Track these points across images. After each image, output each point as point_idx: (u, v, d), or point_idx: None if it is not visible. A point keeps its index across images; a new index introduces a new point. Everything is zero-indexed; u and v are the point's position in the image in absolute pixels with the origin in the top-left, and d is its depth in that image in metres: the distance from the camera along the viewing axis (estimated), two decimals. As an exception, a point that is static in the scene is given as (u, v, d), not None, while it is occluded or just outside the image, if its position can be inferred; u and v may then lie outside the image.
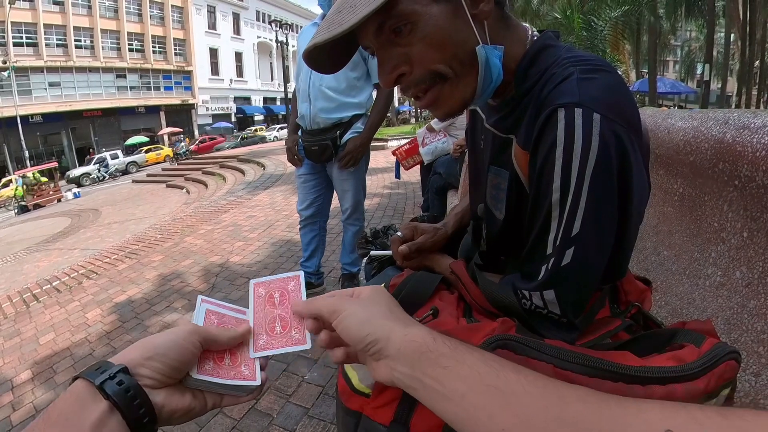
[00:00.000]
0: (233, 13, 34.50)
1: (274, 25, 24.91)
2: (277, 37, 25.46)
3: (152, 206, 9.61)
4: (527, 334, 0.55)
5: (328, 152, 2.19)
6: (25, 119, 21.92)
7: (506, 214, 0.63)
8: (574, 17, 12.29)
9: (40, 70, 23.58)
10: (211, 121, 32.89)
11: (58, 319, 2.85)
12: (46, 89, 24.04)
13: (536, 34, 0.64)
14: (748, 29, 17.18)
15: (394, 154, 3.81)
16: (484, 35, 0.57)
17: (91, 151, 26.65)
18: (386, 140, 10.97)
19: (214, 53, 33.15)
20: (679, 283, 1.07)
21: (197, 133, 31.22)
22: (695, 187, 1.04)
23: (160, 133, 29.04)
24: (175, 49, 30.34)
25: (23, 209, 15.68)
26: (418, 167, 3.66)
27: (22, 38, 22.70)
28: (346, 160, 2.16)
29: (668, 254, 1.18)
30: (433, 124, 3.31)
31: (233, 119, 34.87)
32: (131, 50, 27.95)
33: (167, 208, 8.74)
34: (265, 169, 9.08)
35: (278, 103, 37.99)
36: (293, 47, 25.76)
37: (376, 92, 2.24)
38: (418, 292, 0.71)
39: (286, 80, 25.21)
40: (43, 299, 3.26)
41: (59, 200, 16.50)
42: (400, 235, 0.85)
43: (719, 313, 0.87)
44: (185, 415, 0.43)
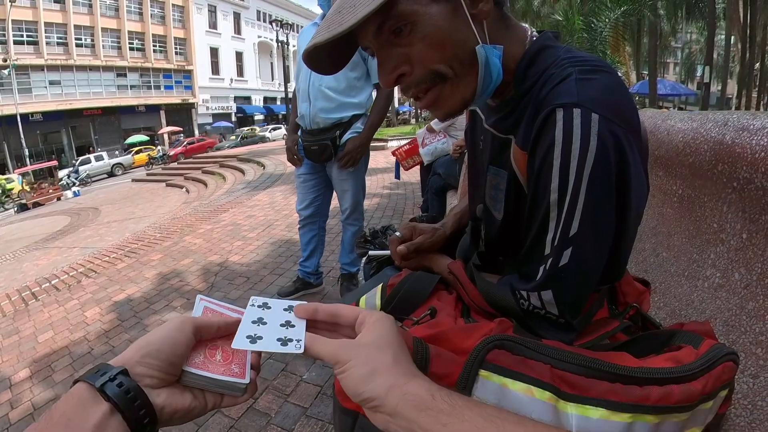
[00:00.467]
0: (234, 12, 34.51)
1: (274, 24, 24.96)
2: (277, 36, 25.51)
3: (152, 205, 9.61)
4: (525, 334, 0.55)
5: (327, 152, 2.19)
6: (25, 117, 21.92)
7: (505, 214, 0.63)
8: (574, 19, 12.30)
9: (40, 68, 23.57)
10: (211, 120, 32.89)
11: (56, 317, 2.85)
12: (46, 87, 24.04)
13: (535, 34, 0.64)
14: (748, 32, 17.20)
15: (393, 154, 3.81)
16: (483, 35, 0.57)
17: (90, 149, 26.65)
18: (386, 140, 10.96)
19: (214, 52, 33.16)
20: (677, 284, 1.07)
21: (197, 132, 31.22)
22: (694, 188, 1.04)
23: (160, 132, 29.04)
24: (175, 48, 30.35)
25: (23, 207, 15.68)
26: (417, 168, 3.66)
27: (22, 36, 22.70)
28: (345, 159, 2.16)
29: (667, 255, 1.18)
30: (433, 124, 3.31)
31: (233, 119, 34.88)
32: (132, 49, 27.96)
33: (167, 207, 8.74)
34: (264, 168, 9.08)
35: (278, 102, 38.01)
36: (294, 47, 25.75)
37: (375, 92, 2.24)
38: (416, 292, 0.71)
39: (286, 80, 25.23)
40: (42, 297, 3.25)
41: (59, 199, 16.51)
42: (398, 235, 0.85)
43: (718, 314, 0.87)
44: (186, 415, 0.43)
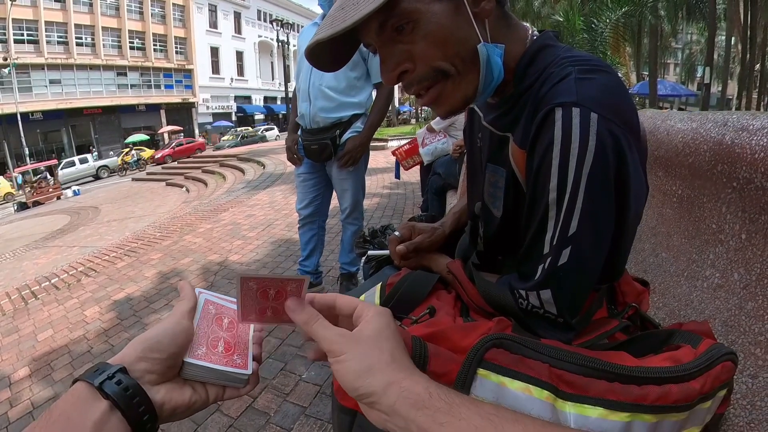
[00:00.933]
0: (234, 11, 34.51)
1: (275, 24, 24.97)
2: (278, 36, 25.52)
3: (152, 204, 9.61)
4: (524, 333, 0.55)
5: (327, 151, 2.19)
6: (25, 116, 21.91)
7: (503, 211, 0.64)
8: (575, 19, 12.29)
9: (40, 67, 23.57)
10: (211, 119, 32.89)
11: (56, 316, 2.85)
12: (46, 86, 24.02)
13: (536, 33, 0.64)
14: (748, 32, 17.20)
15: (393, 154, 3.81)
16: (485, 33, 0.57)
17: (90, 148, 26.64)
18: (386, 140, 10.96)
19: (215, 52, 33.15)
20: (677, 284, 1.07)
21: (197, 131, 31.21)
22: (694, 188, 1.04)
23: (160, 131, 29.03)
24: (176, 47, 30.34)
25: (22, 206, 15.67)
26: (417, 167, 3.66)
27: (23, 35, 22.69)
28: (345, 159, 2.16)
29: (666, 256, 1.18)
30: (433, 124, 3.32)
31: (234, 118, 34.89)
32: (132, 48, 27.96)
33: (167, 206, 8.74)
34: (264, 168, 9.09)
35: (279, 102, 38.02)
36: (294, 46, 25.75)
37: (375, 92, 2.24)
38: (415, 291, 0.71)
39: (286, 79, 25.19)
40: (41, 296, 3.25)
41: (59, 198, 16.50)
42: (397, 234, 0.85)
43: (717, 314, 0.87)
44: (187, 410, 0.43)
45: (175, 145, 24.36)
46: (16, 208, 15.87)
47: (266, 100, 38.70)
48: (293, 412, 1.61)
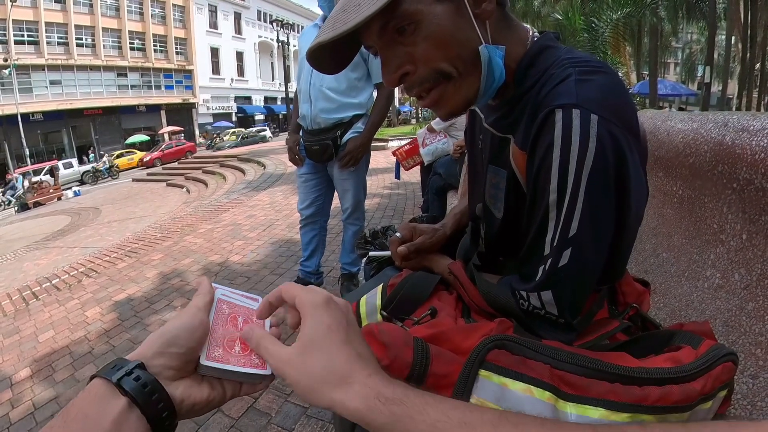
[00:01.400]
0: (234, 12, 34.53)
1: (275, 24, 24.99)
2: (278, 36, 25.54)
3: (152, 205, 9.62)
4: (525, 334, 0.55)
5: (328, 152, 2.19)
6: (26, 117, 21.93)
7: (504, 213, 0.64)
8: (575, 19, 12.28)
9: (41, 68, 23.60)
10: (211, 120, 32.91)
11: (57, 317, 2.85)
12: (47, 87, 24.05)
13: (536, 34, 0.64)
14: (749, 32, 17.18)
15: (394, 154, 3.82)
16: (486, 35, 0.57)
17: (91, 149, 26.64)
18: (387, 140, 10.95)
19: (215, 52, 33.18)
20: (678, 284, 1.08)
21: (198, 132, 31.22)
22: (694, 189, 1.04)
23: (160, 131, 29.04)
24: (176, 48, 30.37)
25: (23, 207, 15.69)
26: (418, 168, 3.66)
27: (23, 36, 22.72)
28: (346, 159, 2.17)
29: (667, 256, 1.18)
30: (433, 124, 3.32)
31: (234, 118, 34.90)
32: (132, 49, 27.98)
33: (167, 207, 8.75)
34: (265, 168, 9.09)
35: (279, 102, 38.01)
36: (294, 47, 25.81)
37: (376, 92, 2.25)
38: (416, 292, 0.71)
39: (287, 80, 25.24)
40: (42, 297, 3.26)
41: (59, 198, 16.52)
42: (398, 235, 0.85)
43: (718, 315, 0.88)
44: (205, 406, 0.42)
45: (164, 147, 23.78)
46: (16, 209, 15.88)
47: (266, 100, 38.72)
48: (294, 412, 1.61)
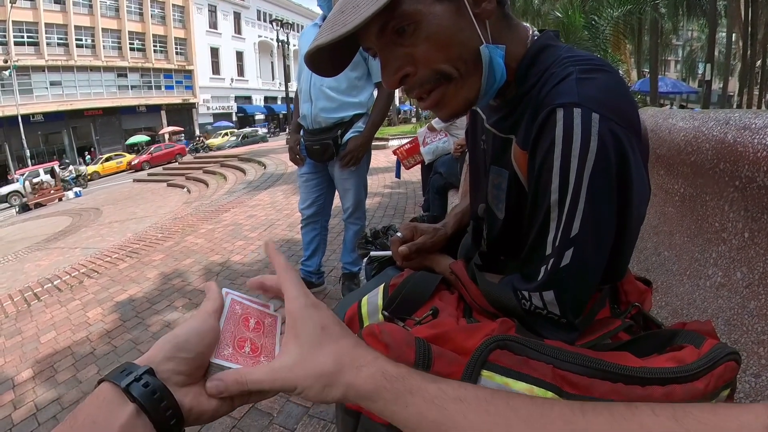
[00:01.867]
0: (234, 12, 34.51)
1: (275, 24, 24.96)
2: (278, 36, 25.50)
3: (153, 205, 9.62)
4: (527, 334, 0.55)
5: (329, 151, 2.19)
6: (26, 118, 21.94)
7: (506, 213, 0.63)
8: (575, 17, 12.25)
9: (41, 69, 23.60)
10: (212, 120, 32.92)
11: (59, 317, 2.86)
12: (47, 88, 24.06)
13: (537, 33, 0.64)
14: (749, 29, 17.15)
15: (395, 153, 3.82)
16: (486, 35, 0.57)
17: (92, 150, 26.66)
18: (387, 140, 10.94)
19: (215, 52, 33.16)
20: (679, 283, 1.07)
21: (198, 132, 31.22)
22: (696, 187, 1.04)
23: (161, 132, 29.06)
24: (176, 48, 30.36)
25: (24, 208, 15.70)
26: (418, 167, 3.66)
27: (23, 37, 22.73)
28: (347, 159, 2.17)
29: (669, 255, 1.18)
30: (434, 123, 3.32)
31: (234, 118, 34.92)
32: (132, 49, 27.97)
33: (168, 207, 8.75)
34: (266, 168, 9.09)
35: (279, 102, 38.01)
36: (294, 46, 25.80)
37: (376, 91, 2.25)
38: (418, 292, 0.71)
39: (287, 79, 25.22)
40: (44, 298, 3.26)
41: (60, 199, 16.53)
42: (399, 235, 0.85)
43: (720, 313, 0.87)
44: (214, 414, 0.42)
45: (152, 150, 23.32)
46: (18, 210, 15.89)
47: (266, 100, 38.71)
48: (296, 412, 1.61)
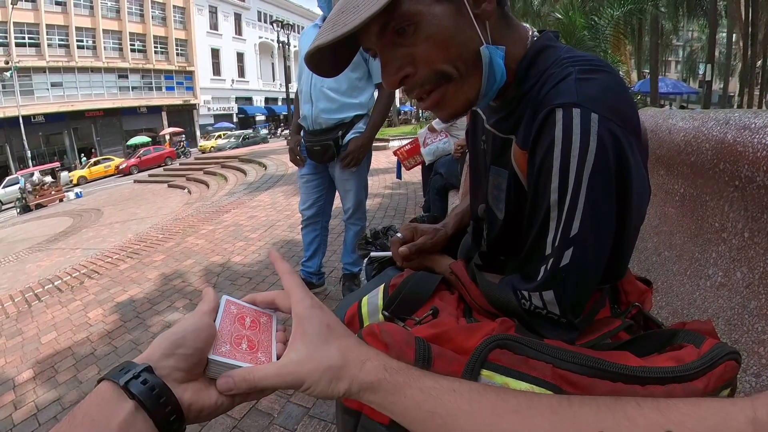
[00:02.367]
0: (235, 13, 34.56)
1: (275, 25, 24.98)
2: (278, 37, 25.53)
3: (154, 206, 9.63)
4: (527, 334, 0.55)
5: (330, 152, 2.19)
6: (27, 119, 21.98)
7: (506, 213, 0.63)
8: (575, 17, 12.24)
9: (42, 70, 23.64)
10: (212, 121, 32.97)
11: (59, 318, 2.86)
12: (48, 89, 24.11)
13: (536, 34, 0.64)
14: (750, 29, 17.14)
15: (395, 154, 3.82)
16: (486, 35, 0.57)
17: (93, 151, 26.69)
18: (388, 140, 10.96)
19: (215, 53, 33.21)
20: (680, 283, 1.07)
21: (198, 133, 31.25)
22: (696, 187, 1.04)
23: (162, 133, 29.09)
24: (176, 49, 30.41)
25: (25, 209, 15.71)
26: (419, 167, 3.66)
27: (24, 39, 22.78)
28: (347, 160, 2.17)
29: (669, 255, 1.18)
30: (434, 124, 3.32)
31: (235, 119, 34.96)
32: (133, 50, 28.02)
33: (169, 208, 8.76)
34: (266, 169, 9.09)
35: (280, 103, 38.06)
36: (295, 47, 25.81)
37: (377, 92, 2.25)
38: (418, 292, 0.71)
39: (287, 80, 25.25)
40: (44, 299, 3.27)
41: (61, 200, 16.55)
42: (399, 236, 0.85)
43: (720, 313, 0.87)
44: (213, 411, 0.42)
45: (141, 154, 23.01)
46: (19, 211, 15.90)
47: (267, 101, 38.77)
48: (297, 412, 1.61)
